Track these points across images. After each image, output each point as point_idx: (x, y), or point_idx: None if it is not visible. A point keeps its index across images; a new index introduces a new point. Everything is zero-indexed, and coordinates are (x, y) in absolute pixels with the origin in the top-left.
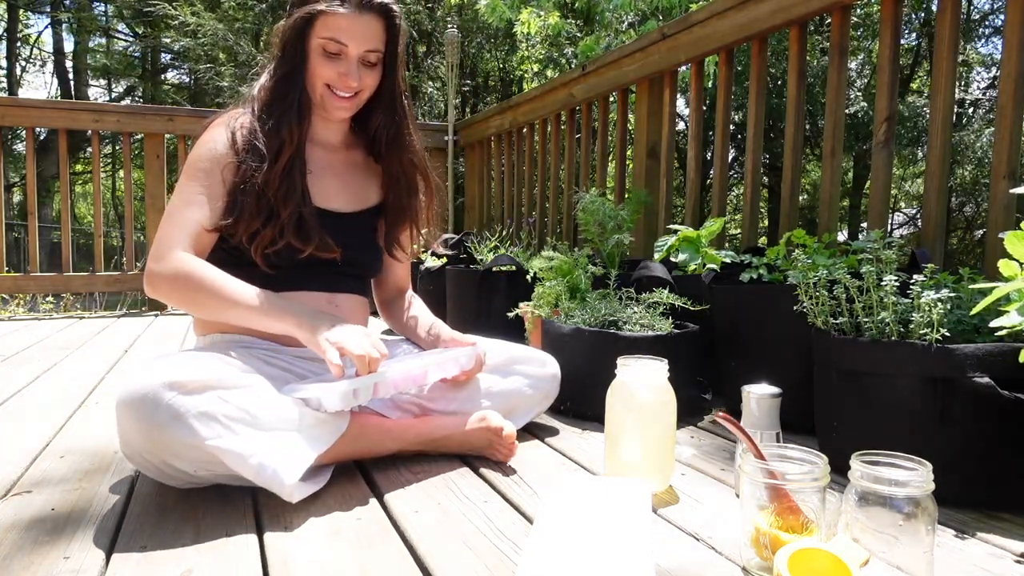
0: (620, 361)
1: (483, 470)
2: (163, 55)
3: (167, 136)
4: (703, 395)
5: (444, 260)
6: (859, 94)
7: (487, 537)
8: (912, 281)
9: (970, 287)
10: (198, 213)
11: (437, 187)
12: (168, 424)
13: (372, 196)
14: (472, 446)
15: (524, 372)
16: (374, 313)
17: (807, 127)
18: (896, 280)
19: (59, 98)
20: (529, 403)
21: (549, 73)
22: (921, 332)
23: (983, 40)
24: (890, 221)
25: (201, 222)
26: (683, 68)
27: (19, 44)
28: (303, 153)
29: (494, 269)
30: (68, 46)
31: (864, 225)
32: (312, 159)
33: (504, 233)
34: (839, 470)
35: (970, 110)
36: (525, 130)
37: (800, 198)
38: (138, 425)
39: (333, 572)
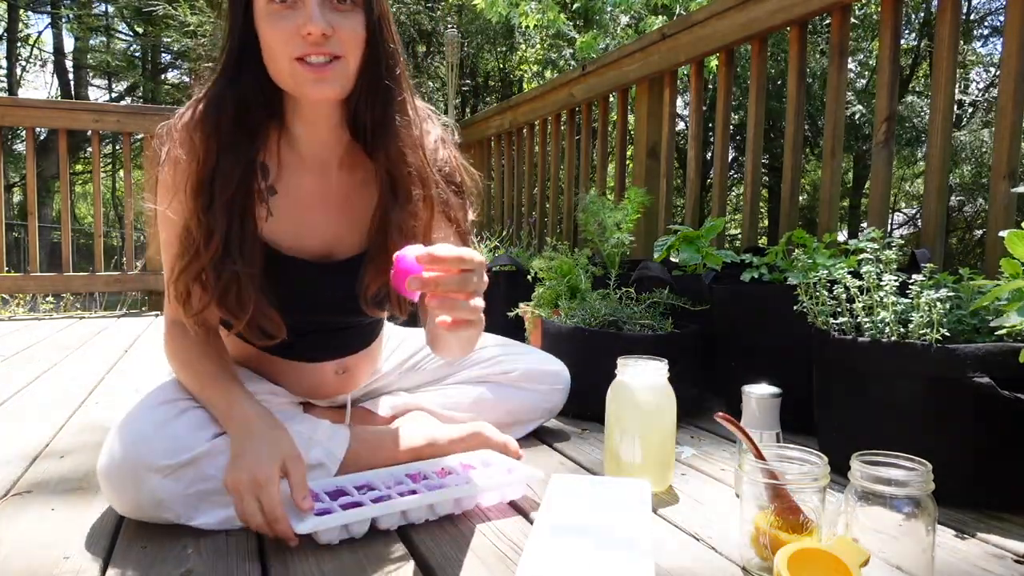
0: (620, 361)
1: None
2: (163, 54)
3: None
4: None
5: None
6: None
7: (487, 537)
8: (912, 281)
9: (970, 286)
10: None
11: (467, 190)
12: (151, 507)
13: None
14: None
15: (536, 389)
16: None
17: (807, 127)
18: (896, 280)
19: (59, 98)
20: (535, 416)
21: (548, 74)
22: (921, 332)
23: (982, 40)
24: (890, 221)
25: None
26: (683, 68)
27: (19, 44)
28: (248, 184)
29: (494, 269)
30: (68, 46)
31: (864, 225)
32: (294, 187)
33: (504, 233)
34: (839, 470)
35: (969, 110)
36: (525, 130)
37: (800, 198)
38: (120, 500)
39: (333, 573)
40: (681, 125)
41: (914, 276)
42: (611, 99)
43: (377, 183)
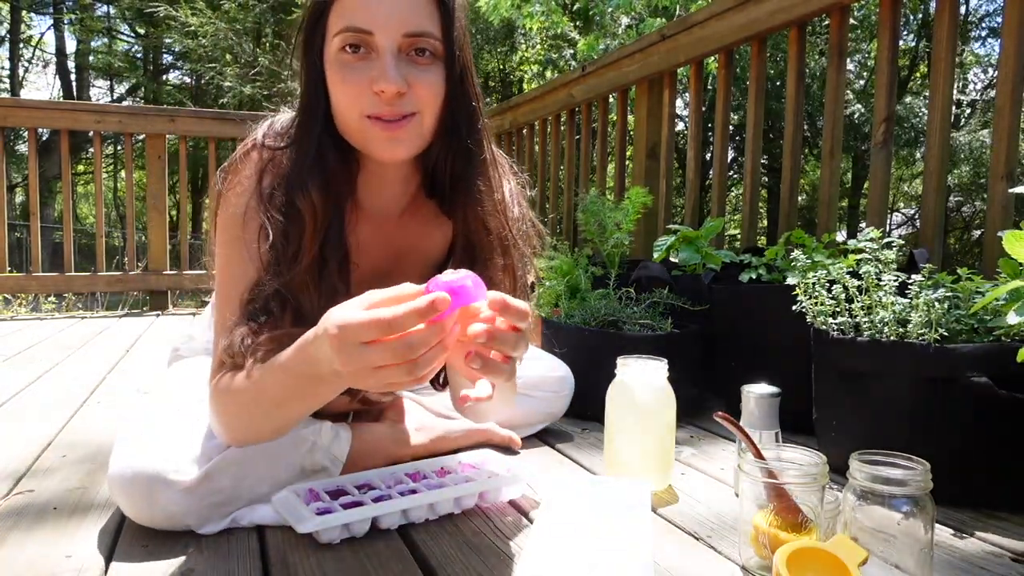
0: (620, 361)
1: None
2: (165, 55)
3: (169, 136)
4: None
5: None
6: (853, 97)
7: (487, 536)
8: (911, 281)
9: (968, 287)
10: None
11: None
12: (163, 520)
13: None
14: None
15: (540, 396)
16: None
17: (806, 128)
18: (895, 280)
19: (61, 99)
20: (537, 420)
21: (548, 74)
22: (920, 332)
23: (980, 41)
24: (889, 221)
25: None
26: (682, 69)
27: (22, 45)
28: (341, 237)
29: None
30: (70, 47)
31: (863, 225)
32: (361, 236)
33: None
34: (838, 469)
35: (968, 111)
36: (525, 131)
37: (799, 198)
38: (131, 508)
39: (334, 571)
40: (680, 125)
41: (913, 276)
42: (611, 99)
43: (454, 242)
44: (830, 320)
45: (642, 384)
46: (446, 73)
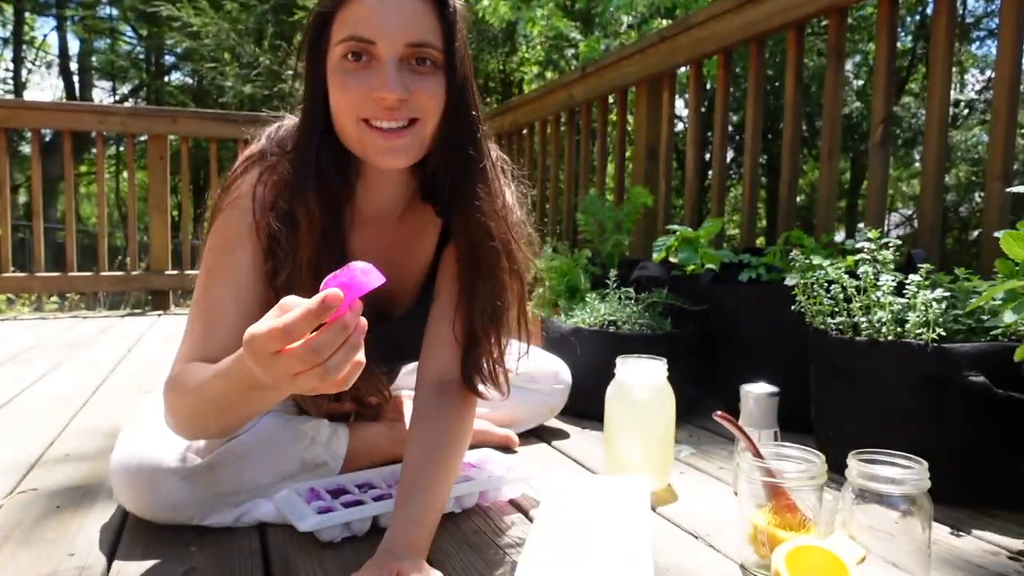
0: (619, 360)
1: None
2: (167, 56)
3: (171, 137)
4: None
5: None
6: (852, 95)
7: (487, 535)
8: (908, 281)
9: (966, 286)
10: (229, 312)
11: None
12: (166, 510)
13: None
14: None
15: (538, 388)
16: None
17: (804, 128)
18: (893, 280)
19: (64, 100)
20: (536, 415)
21: (548, 75)
22: (917, 332)
23: (978, 42)
24: (887, 221)
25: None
26: (682, 70)
27: (25, 47)
28: (338, 239)
29: None
30: (73, 48)
31: (861, 225)
32: (349, 243)
33: None
34: (836, 468)
35: (965, 111)
36: (525, 131)
37: (798, 199)
38: (134, 502)
39: (334, 570)
40: (680, 126)
41: (910, 276)
42: (610, 100)
43: (453, 250)
44: (828, 320)
45: (642, 384)
46: (446, 82)
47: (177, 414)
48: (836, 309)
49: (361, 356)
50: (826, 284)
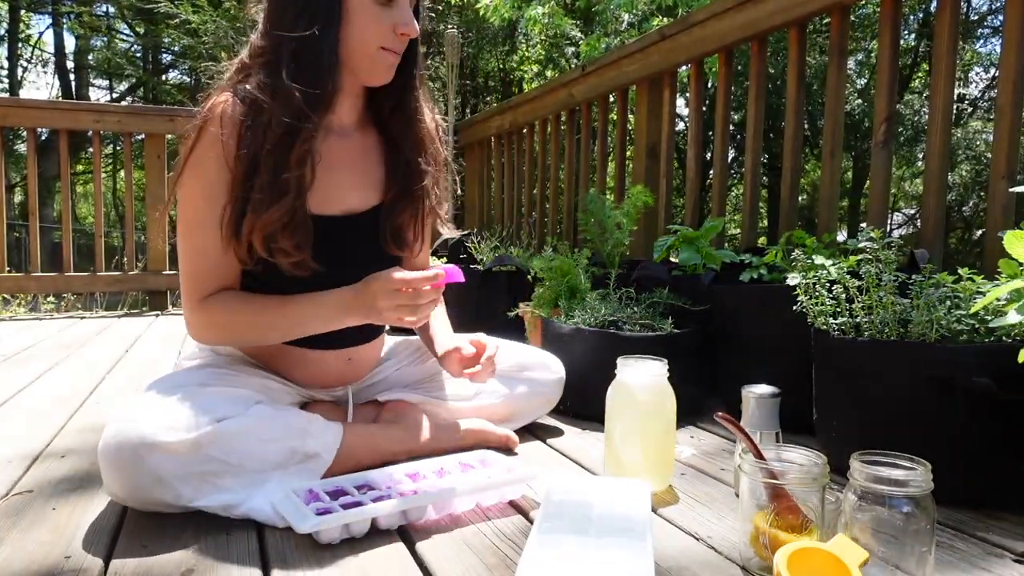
0: (620, 361)
1: None
2: (164, 54)
3: (168, 136)
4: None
5: (444, 260)
6: (853, 92)
7: (487, 536)
8: (911, 281)
9: (969, 287)
10: (211, 238)
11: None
12: (151, 486)
13: (382, 185)
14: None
15: (531, 378)
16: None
17: (806, 127)
18: (895, 280)
19: (60, 98)
20: (532, 409)
21: (549, 74)
22: (920, 332)
23: (982, 40)
24: (889, 221)
25: (215, 248)
26: (683, 68)
27: (20, 44)
28: (311, 148)
29: (494, 269)
30: (69, 46)
31: (863, 225)
32: (325, 150)
33: (504, 233)
34: (838, 470)
35: (969, 109)
36: (525, 130)
37: (800, 198)
38: (120, 480)
39: (333, 572)
40: (681, 125)
41: (913, 276)
42: (611, 99)
43: (390, 157)
44: (831, 320)
45: (642, 384)
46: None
47: (218, 322)
48: (838, 309)
49: (440, 308)
50: (828, 284)
